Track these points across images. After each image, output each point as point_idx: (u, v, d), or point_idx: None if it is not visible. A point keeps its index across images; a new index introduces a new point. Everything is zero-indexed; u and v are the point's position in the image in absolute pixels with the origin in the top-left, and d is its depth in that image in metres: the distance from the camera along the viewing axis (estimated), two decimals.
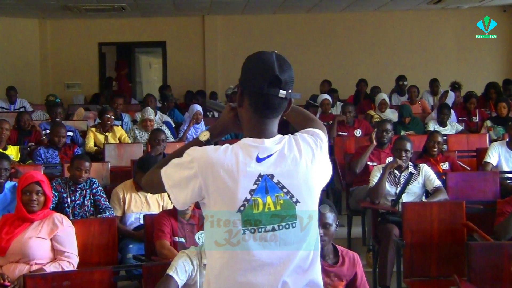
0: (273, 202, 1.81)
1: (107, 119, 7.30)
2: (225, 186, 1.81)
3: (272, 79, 1.83)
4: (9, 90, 9.85)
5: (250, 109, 1.88)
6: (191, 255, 3.32)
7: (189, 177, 1.84)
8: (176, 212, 4.20)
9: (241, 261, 1.82)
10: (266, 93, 1.83)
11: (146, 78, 15.11)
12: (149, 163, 5.04)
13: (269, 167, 1.82)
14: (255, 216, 1.80)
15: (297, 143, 1.88)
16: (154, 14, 12.03)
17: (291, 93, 1.86)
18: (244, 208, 1.80)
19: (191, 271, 3.28)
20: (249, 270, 1.82)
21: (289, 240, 1.83)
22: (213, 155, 1.83)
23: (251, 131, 1.88)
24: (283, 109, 1.90)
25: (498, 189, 5.54)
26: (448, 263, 4.44)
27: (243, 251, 1.81)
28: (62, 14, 11.63)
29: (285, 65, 1.86)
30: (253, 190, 1.80)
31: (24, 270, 3.69)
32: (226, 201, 1.82)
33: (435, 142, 6.03)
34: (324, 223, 3.38)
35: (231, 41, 12.36)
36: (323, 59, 12.21)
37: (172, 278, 3.21)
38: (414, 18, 12.44)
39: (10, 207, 4.48)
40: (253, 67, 1.87)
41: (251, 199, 1.80)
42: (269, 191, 1.81)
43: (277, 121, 1.92)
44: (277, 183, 1.82)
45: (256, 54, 1.89)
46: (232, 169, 1.80)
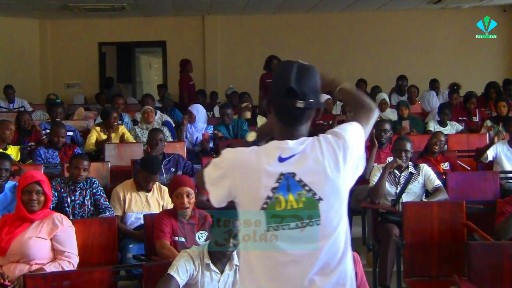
0: (295, 200, 1.85)
1: (113, 120, 7.29)
2: (249, 185, 1.88)
3: (287, 90, 1.90)
4: (6, 88, 9.84)
5: (275, 116, 1.97)
6: (193, 255, 3.32)
7: (220, 176, 1.93)
8: (176, 212, 4.20)
9: (267, 258, 1.87)
10: (284, 103, 1.92)
11: (146, 78, 15.12)
12: (152, 163, 5.05)
13: (291, 166, 1.87)
14: (277, 213, 1.85)
15: (320, 144, 1.91)
16: (154, 14, 12.03)
17: (312, 102, 1.92)
18: (267, 206, 1.86)
19: (192, 271, 3.28)
20: (275, 267, 1.86)
21: (314, 237, 1.86)
22: (240, 156, 1.92)
23: (278, 135, 1.96)
24: (308, 117, 1.95)
25: (498, 189, 5.55)
26: (448, 263, 4.44)
27: (267, 248, 1.86)
28: (62, 14, 11.63)
29: (305, 75, 1.93)
30: (275, 188, 1.85)
31: (24, 270, 3.69)
32: (250, 199, 1.89)
33: (437, 141, 6.05)
34: None
35: (231, 41, 12.37)
36: (323, 59, 12.18)
37: (172, 277, 3.21)
38: (414, 18, 12.44)
39: (11, 207, 4.48)
40: (274, 77, 1.97)
41: (273, 197, 1.85)
42: (291, 189, 1.85)
43: (303, 127, 1.97)
44: (299, 181, 1.86)
45: (280, 63, 2.02)
46: (255, 169, 1.88)
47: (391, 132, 6.36)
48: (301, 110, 1.92)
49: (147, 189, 5.02)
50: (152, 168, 4.99)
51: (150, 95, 9.26)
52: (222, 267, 3.34)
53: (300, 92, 1.90)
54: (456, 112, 8.63)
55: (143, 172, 5.00)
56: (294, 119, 1.94)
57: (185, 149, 6.92)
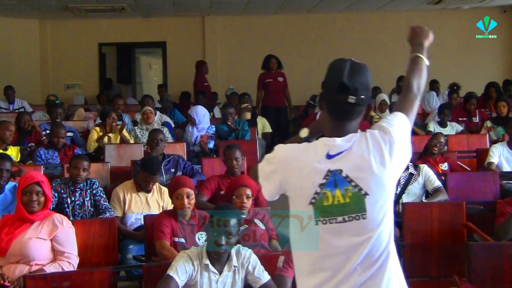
0: (342, 195, 1.94)
1: (112, 121, 7.30)
2: (298, 181, 1.98)
3: (340, 86, 1.98)
4: (6, 89, 9.83)
5: (327, 112, 2.04)
6: (192, 256, 3.32)
7: (272, 171, 2.04)
8: (176, 212, 4.21)
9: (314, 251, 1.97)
10: (336, 98, 1.98)
11: (146, 79, 15.11)
12: (152, 163, 5.06)
13: (338, 163, 1.95)
14: (325, 208, 1.95)
15: (366, 140, 1.97)
16: (154, 14, 12.03)
17: (363, 98, 1.99)
18: (315, 200, 1.95)
19: (191, 271, 3.28)
20: (320, 258, 1.96)
21: (359, 231, 1.94)
22: (290, 152, 2.03)
23: (328, 132, 2.04)
24: (359, 112, 2.01)
25: (498, 189, 5.54)
26: (448, 264, 4.44)
27: (315, 241, 1.96)
28: (62, 14, 11.63)
29: (357, 72, 2.00)
30: (323, 184, 1.95)
31: (24, 270, 3.69)
32: (299, 194, 1.99)
33: (437, 142, 6.05)
34: None
35: (231, 41, 12.37)
36: (323, 59, 12.16)
37: (172, 278, 3.21)
38: (414, 18, 12.41)
39: (11, 207, 4.48)
40: (327, 74, 2.05)
41: (320, 192, 1.95)
42: (338, 185, 1.94)
43: (353, 123, 2.02)
44: (345, 177, 1.94)
45: (333, 61, 2.08)
46: (304, 165, 1.98)
47: None
48: (352, 106, 1.98)
49: (147, 189, 5.02)
50: (152, 169, 4.99)
51: (150, 95, 9.26)
52: (221, 268, 3.34)
53: (352, 88, 1.97)
54: (456, 112, 8.63)
55: (143, 172, 5.00)
56: (345, 114, 2.00)
57: (185, 149, 6.92)
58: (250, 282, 3.39)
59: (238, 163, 5.46)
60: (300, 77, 10.17)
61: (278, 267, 3.45)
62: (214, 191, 5.32)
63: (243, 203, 4.35)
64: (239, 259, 3.39)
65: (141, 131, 7.50)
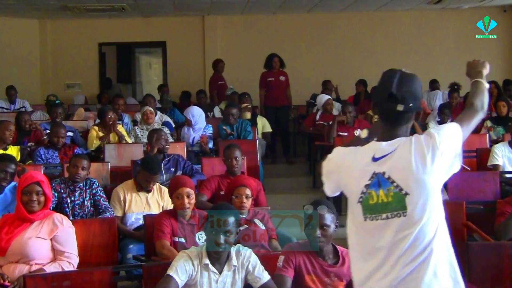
0: (385, 195, 2.16)
1: (108, 120, 7.30)
2: (349, 181, 2.24)
3: (389, 95, 2.20)
4: (9, 89, 9.84)
5: (379, 118, 2.29)
6: (192, 255, 3.32)
7: (330, 171, 2.33)
8: (176, 212, 4.21)
9: (363, 243, 2.21)
10: (386, 107, 2.22)
11: (146, 78, 15.11)
12: (152, 163, 5.05)
13: (382, 165, 2.17)
14: (371, 206, 2.18)
15: (410, 144, 2.17)
16: (154, 14, 12.02)
17: (411, 106, 2.20)
18: (363, 199, 2.19)
19: (191, 271, 3.28)
20: (369, 250, 2.19)
21: (400, 227, 2.14)
22: (344, 155, 2.30)
23: (380, 135, 2.27)
24: (408, 118, 2.24)
25: (498, 189, 5.54)
26: None
27: (367, 234, 2.20)
28: (62, 14, 11.63)
29: (405, 82, 2.21)
30: (368, 184, 2.18)
31: (24, 270, 3.69)
32: (351, 193, 2.24)
33: None
34: (322, 224, 3.40)
35: (231, 41, 12.36)
36: (323, 59, 12.21)
37: (172, 278, 3.21)
38: (414, 18, 12.44)
39: (11, 207, 4.48)
40: (379, 84, 2.28)
41: (366, 192, 2.19)
42: (381, 185, 2.16)
43: (403, 128, 2.24)
44: (388, 178, 2.16)
45: (385, 72, 2.30)
46: (354, 167, 2.23)
47: None
48: (401, 113, 2.20)
49: (148, 189, 5.02)
50: (152, 168, 4.99)
51: (151, 95, 9.26)
52: (220, 268, 3.34)
53: (400, 97, 2.19)
54: (456, 112, 8.61)
55: (143, 172, 5.00)
56: (395, 120, 2.22)
57: (185, 149, 6.92)
58: (250, 282, 3.39)
59: (238, 163, 5.46)
60: (300, 76, 10.17)
61: (278, 267, 3.46)
62: (214, 191, 5.32)
63: (242, 203, 4.36)
64: (239, 258, 3.39)
65: (141, 131, 7.50)
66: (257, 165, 6.92)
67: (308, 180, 8.53)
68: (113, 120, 7.32)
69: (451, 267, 2.16)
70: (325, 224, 3.41)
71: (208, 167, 6.27)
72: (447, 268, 2.14)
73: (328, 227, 3.42)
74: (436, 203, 2.17)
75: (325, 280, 3.46)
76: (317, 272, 3.45)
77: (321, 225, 3.39)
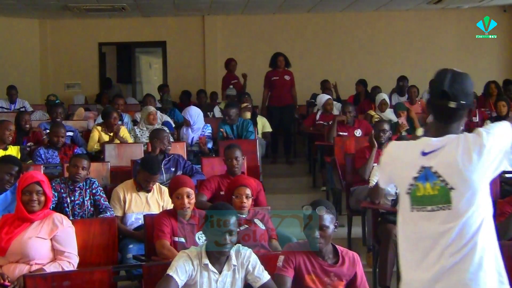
0: (431, 188, 2.26)
1: (113, 121, 7.30)
2: (400, 173, 2.36)
3: (441, 93, 2.30)
4: (9, 89, 9.83)
5: (432, 115, 2.37)
6: (191, 255, 3.32)
7: (384, 164, 2.48)
8: (176, 212, 4.21)
9: (410, 233, 2.31)
10: (439, 104, 2.31)
11: (146, 78, 15.10)
12: (152, 163, 5.05)
13: (430, 160, 2.27)
14: (418, 197, 2.29)
15: (459, 141, 2.25)
16: (154, 14, 12.02)
17: (463, 103, 2.30)
18: (410, 191, 2.30)
19: (191, 271, 3.28)
20: (415, 240, 2.29)
21: (445, 220, 2.23)
22: (397, 149, 2.43)
23: (433, 132, 2.35)
24: (459, 116, 2.32)
25: (498, 189, 5.54)
26: None
27: (412, 224, 2.30)
28: (62, 14, 11.63)
29: (457, 80, 2.32)
30: (416, 177, 2.29)
31: (24, 270, 3.69)
32: (401, 185, 2.36)
33: None
34: (321, 225, 3.40)
35: (231, 41, 12.36)
36: (323, 59, 12.20)
37: (172, 278, 3.21)
38: (414, 18, 12.43)
39: (11, 207, 4.47)
40: (432, 82, 2.38)
41: (414, 184, 2.29)
42: (428, 179, 2.27)
43: (455, 125, 2.32)
44: (434, 173, 2.26)
45: (437, 71, 2.39)
46: (404, 160, 2.35)
47: (390, 133, 6.36)
48: (453, 110, 2.29)
49: (147, 189, 5.02)
50: (152, 168, 4.98)
51: (151, 95, 9.26)
52: (220, 268, 3.34)
53: (452, 95, 2.28)
54: None
55: (143, 172, 5.00)
56: (447, 117, 2.31)
57: (185, 149, 6.92)
58: (250, 282, 3.39)
59: (238, 163, 5.46)
60: (300, 76, 10.15)
61: (278, 267, 3.46)
62: (214, 191, 5.32)
63: (242, 202, 4.35)
64: (239, 258, 3.39)
65: (141, 130, 7.50)
66: (257, 165, 6.92)
67: (308, 180, 8.53)
68: (117, 128, 7.30)
69: (496, 261, 2.23)
70: (323, 225, 3.40)
71: (208, 167, 6.27)
72: (492, 261, 2.22)
73: (327, 228, 3.41)
74: (482, 199, 2.24)
75: (325, 280, 3.46)
76: (317, 272, 3.45)
77: (319, 226, 3.39)
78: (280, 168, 9.06)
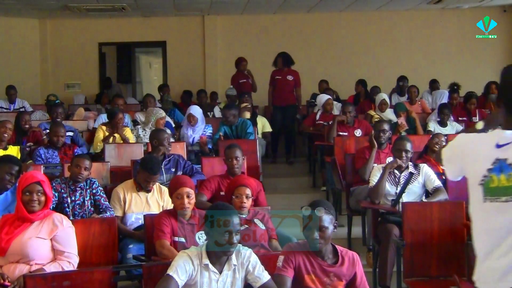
0: (506, 179, 2.26)
1: (119, 121, 7.32)
2: (472, 165, 2.35)
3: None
4: (9, 89, 9.82)
5: (504, 109, 2.37)
6: (192, 255, 3.32)
7: (451, 156, 2.49)
8: (176, 212, 4.21)
9: (483, 223, 2.32)
10: None
11: (146, 78, 15.12)
12: (152, 163, 5.05)
13: (505, 152, 2.27)
14: (492, 189, 2.29)
15: None
16: (154, 14, 12.02)
17: None
18: (484, 182, 2.30)
19: (191, 271, 3.28)
20: (489, 230, 2.30)
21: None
22: (468, 141, 2.42)
23: (505, 125, 2.36)
24: None
25: None
26: (448, 263, 4.44)
27: (484, 214, 2.31)
28: (62, 14, 11.63)
29: None
30: (490, 169, 2.29)
31: (24, 270, 3.69)
32: (473, 176, 2.35)
33: (438, 141, 6.06)
34: (320, 226, 3.40)
35: (231, 41, 12.36)
36: (323, 59, 12.20)
37: (172, 278, 3.21)
38: (414, 18, 12.43)
39: (11, 207, 4.47)
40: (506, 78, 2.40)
41: (488, 175, 2.29)
42: (503, 171, 2.27)
43: None
44: (509, 165, 2.26)
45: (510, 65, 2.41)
46: (477, 152, 2.34)
47: (390, 133, 6.37)
48: None
49: (147, 189, 5.02)
50: (152, 168, 4.99)
51: (151, 95, 9.25)
52: (220, 267, 3.34)
53: None
54: (456, 112, 8.63)
55: (143, 172, 5.00)
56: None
57: (185, 149, 6.92)
58: (250, 282, 3.39)
59: (238, 163, 5.46)
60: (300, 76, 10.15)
61: (278, 267, 3.45)
62: (214, 191, 5.32)
63: (242, 202, 4.36)
64: (239, 258, 3.38)
65: (143, 131, 7.49)
66: (257, 165, 6.92)
67: (308, 180, 8.53)
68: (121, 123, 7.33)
69: None
70: (323, 226, 3.40)
71: (208, 167, 6.27)
72: None
73: (326, 228, 3.41)
74: None
75: (324, 280, 3.46)
76: (316, 272, 3.45)
77: (319, 226, 3.39)
78: (280, 168, 9.07)
